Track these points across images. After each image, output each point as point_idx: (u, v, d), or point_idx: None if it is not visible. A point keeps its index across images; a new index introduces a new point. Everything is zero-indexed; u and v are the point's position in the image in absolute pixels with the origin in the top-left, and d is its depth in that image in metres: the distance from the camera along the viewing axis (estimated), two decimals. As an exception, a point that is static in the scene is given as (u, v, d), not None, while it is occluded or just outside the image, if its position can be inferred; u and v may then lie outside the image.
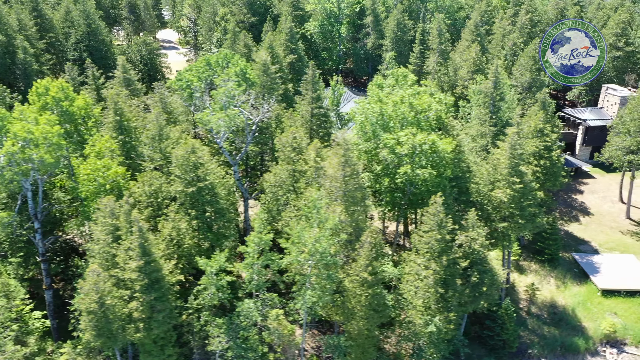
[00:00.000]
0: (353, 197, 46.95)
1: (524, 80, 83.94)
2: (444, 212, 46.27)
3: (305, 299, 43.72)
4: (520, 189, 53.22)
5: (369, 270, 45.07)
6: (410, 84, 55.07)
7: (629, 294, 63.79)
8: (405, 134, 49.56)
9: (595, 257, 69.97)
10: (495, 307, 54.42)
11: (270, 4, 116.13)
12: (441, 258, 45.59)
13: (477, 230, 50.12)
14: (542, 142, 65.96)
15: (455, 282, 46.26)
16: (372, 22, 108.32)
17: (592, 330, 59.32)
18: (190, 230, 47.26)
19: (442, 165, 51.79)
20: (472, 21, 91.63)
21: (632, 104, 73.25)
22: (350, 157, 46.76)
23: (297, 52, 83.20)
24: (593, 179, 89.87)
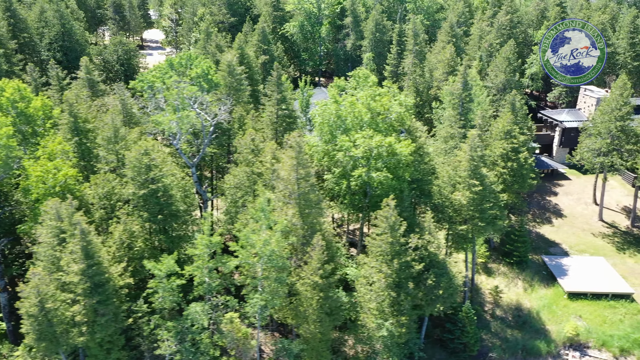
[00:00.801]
0: (306, 200, 46.62)
1: (498, 81, 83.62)
2: (396, 215, 45.93)
3: (253, 302, 43.38)
4: (480, 191, 52.96)
5: (320, 273, 44.75)
6: (370, 85, 54.69)
7: (595, 296, 63.52)
8: (362, 136, 49.24)
9: (564, 259, 69.72)
10: (453, 311, 54.08)
11: (251, 5, 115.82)
12: (393, 261, 45.22)
13: (433, 233, 49.89)
14: (510, 144, 65.68)
15: (407, 286, 45.94)
16: (352, 23, 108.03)
17: (555, 333, 59.05)
18: (142, 232, 46.90)
19: (399, 167, 51.45)
20: (448, 22, 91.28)
21: (603, 106, 72.99)
22: (303, 160, 46.42)
23: (270, 53, 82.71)
24: (569, 180, 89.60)
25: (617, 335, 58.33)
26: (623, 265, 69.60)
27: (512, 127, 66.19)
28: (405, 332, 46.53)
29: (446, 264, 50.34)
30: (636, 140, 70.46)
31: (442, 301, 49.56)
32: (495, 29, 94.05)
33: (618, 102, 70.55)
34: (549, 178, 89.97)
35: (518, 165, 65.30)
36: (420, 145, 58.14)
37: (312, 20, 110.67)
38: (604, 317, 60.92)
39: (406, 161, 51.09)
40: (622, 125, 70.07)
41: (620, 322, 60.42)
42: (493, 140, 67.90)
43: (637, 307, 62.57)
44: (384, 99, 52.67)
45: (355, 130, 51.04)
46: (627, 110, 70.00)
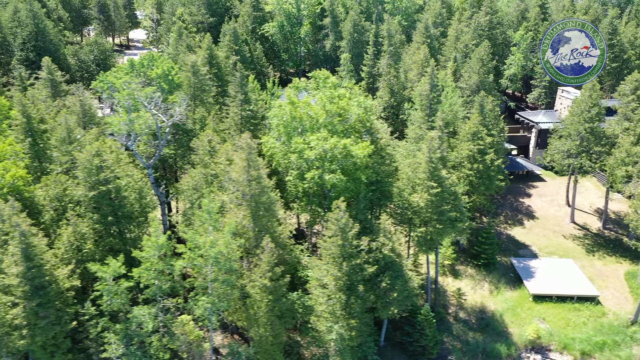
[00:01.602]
0: (258, 202, 46.26)
1: (472, 82, 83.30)
2: (348, 217, 45.59)
3: (199, 305, 43.05)
4: (439, 193, 52.64)
5: (269, 276, 44.41)
6: (330, 86, 54.35)
7: (560, 299, 63.25)
8: (316, 138, 48.90)
9: (532, 261, 69.39)
10: (412, 313, 53.77)
11: (231, 5, 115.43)
12: (342, 264, 44.88)
13: (389, 235, 49.58)
14: (476, 145, 65.37)
15: (357, 289, 45.60)
16: (331, 23, 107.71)
17: (517, 336, 58.71)
18: (93, 234, 46.53)
19: (356, 170, 51.12)
20: (423, 23, 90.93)
21: (573, 108, 72.71)
22: (254, 161, 46.08)
23: (241, 54, 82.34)
24: (544, 182, 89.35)
25: (579, 338, 58.01)
26: (591, 268, 69.32)
27: (478, 128, 65.85)
28: (356, 336, 46.17)
29: (402, 267, 49.97)
30: (605, 142, 70.16)
31: (397, 304, 49.23)
32: (472, 29, 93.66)
33: (587, 104, 70.25)
34: (523, 180, 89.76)
35: (484, 167, 64.98)
36: (382, 147, 57.90)
37: (292, 20, 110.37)
38: (568, 320, 60.63)
39: (362, 163, 50.71)
40: (591, 127, 69.77)
41: (584, 324, 60.13)
42: (460, 142, 67.62)
43: (601, 309, 62.27)
44: (342, 100, 52.31)
45: (311, 132, 50.68)
46: (596, 112, 69.68)
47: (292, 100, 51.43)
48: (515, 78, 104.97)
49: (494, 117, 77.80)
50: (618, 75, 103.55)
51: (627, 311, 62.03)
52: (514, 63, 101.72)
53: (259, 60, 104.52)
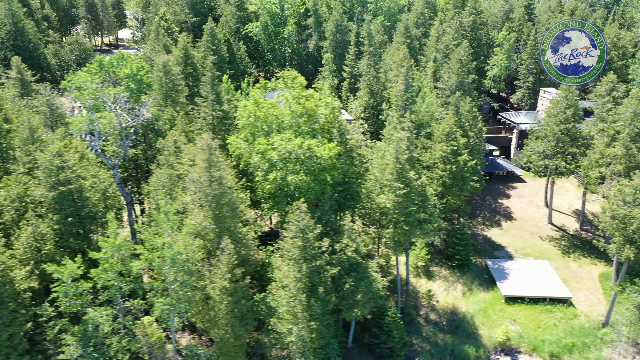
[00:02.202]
0: (219, 203, 45.97)
1: (451, 83, 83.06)
2: (309, 218, 45.29)
3: (156, 306, 42.76)
4: (405, 194, 52.35)
5: (229, 277, 44.12)
6: (297, 86, 54.05)
7: (532, 300, 63.03)
8: (280, 138, 48.60)
9: (507, 262, 69.15)
10: (374, 315, 53.56)
11: (215, 4, 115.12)
12: (302, 265, 44.60)
13: (353, 236, 49.31)
14: (449, 146, 65.08)
15: (317, 290, 45.31)
16: (314, 23, 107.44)
17: (487, 338, 58.47)
18: (53, 235, 46.19)
19: (321, 170, 50.84)
20: (403, 23, 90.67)
21: (548, 109, 72.50)
22: (215, 162, 45.79)
23: (219, 53, 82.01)
24: (524, 183, 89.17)
25: (549, 340, 57.78)
26: (566, 269, 69.11)
27: (452, 129, 65.57)
28: (317, 337, 45.87)
29: (367, 268, 49.70)
30: (581, 143, 69.95)
31: (362, 306, 48.92)
32: (453, 30, 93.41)
33: (562, 105, 70.04)
34: (504, 180, 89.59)
35: (457, 168, 64.68)
36: (351, 147, 57.64)
37: (276, 20, 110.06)
38: (539, 322, 60.39)
39: (328, 164, 50.41)
40: (566, 127, 69.55)
41: (555, 326, 59.89)
42: (434, 142, 67.37)
43: (573, 311, 62.06)
44: (309, 101, 52.02)
45: (277, 133, 50.39)
46: (571, 113, 69.46)
47: (257, 100, 51.11)
48: (499, 79, 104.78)
49: (472, 117, 77.67)
50: (601, 76, 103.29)
51: (599, 313, 61.84)
52: (497, 64, 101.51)
53: (241, 60, 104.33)
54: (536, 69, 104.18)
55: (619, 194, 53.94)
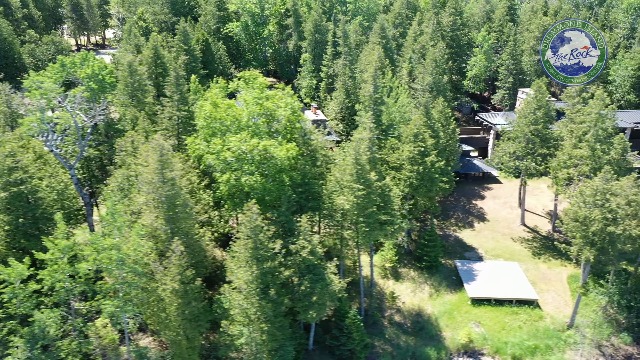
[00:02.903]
0: (171, 204, 45.62)
1: (426, 83, 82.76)
2: (262, 220, 44.96)
3: (103, 308, 42.43)
4: (364, 195, 52.02)
5: (179, 279, 43.79)
6: (258, 86, 53.72)
7: (498, 302, 62.73)
8: (236, 139, 48.24)
9: (477, 264, 68.83)
10: (330, 317, 53.22)
11: (195, 4, 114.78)
12: (253, 267, 44.26)
13: (309, 238, 48.95)
14: (417, 147, 64.72)
15: (268, 292, 44.96)
16: (294, 23, 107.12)
17: (450, 339, 58.15)
18: (3, 235, 45.86)
19: (279, 171, 50.51)
20: (379, 23, 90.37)
21: (519, 110, 72.21)
22: (168, 162, 45.45)
23: (191, 53, 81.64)
24: (500, 184, 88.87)
25: (512, 342, 57.49)
26: (535, 271, 68.84)
27: (419, 130, 65.23)
28: (269, 340, 45.54)
29: (324, 270, 49.35)
30: (550, 145, 69.64)
31: (317, 308, 48.58)
32: (431, 30, 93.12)
33: (533, 106, 69.77)
34: (480, 181, 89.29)
35: (424, 168, 64.31)
36: (314, 148, 57.36)
37: (256, 20, 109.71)
38: (504, 324, 60.09)
39: (284, 165, 50.06)
40: (536, 129, 69.26)
41: (519, 328, 59.60)
42: (402, 143, 67.02)
43: (539, 313, 61.77)
44: (268, 102, 51.70)
45: (235, 133, 50.05)
46: (541, 114, 69.16)
47: (214, 101, 50.77)
48: (479, 79, 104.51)
49: (445, 118, 77.38)
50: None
51: (566, 315, 61.55)
52: (476, 64, 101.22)
53: (221, 60, 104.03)
54: (516, 69, 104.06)
55: (580, 195, 53.67)
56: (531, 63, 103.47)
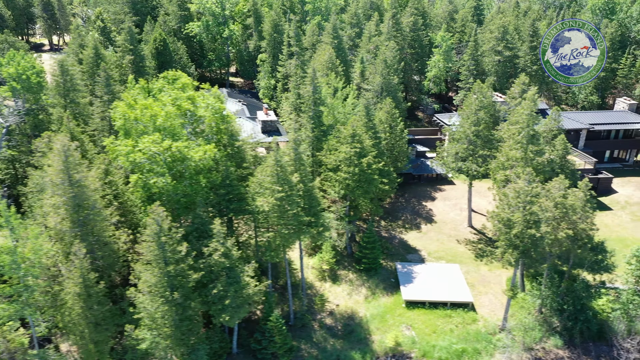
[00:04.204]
0: (77, 205, 44.97)
1: (376, 84, 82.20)
2: (167, 222, 44.29)
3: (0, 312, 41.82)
4: (284, 197, 51.38)
5: (80, 282, 43.16)
6: (179, 87, 53.09)
7: (433, 305, 62.17)
8: (149, 140, 47.53)
9: (417, 266, 68.24)
10: (264, 320, 52.60)
11: (157, 3, 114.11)
12: (155, 270, 43.63)
13: (223, 240, 48.31)
14: (353, 148, 64.06)
15: (173, 295, 44.28)
16: (254, 23, 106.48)
17: (378, 343, 57.53)
18: None
19: (197, 173, 49.88)
20: (331, 23, 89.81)
21: (461, 111, 71.69)
22: (74, 164, 44.80)
23: (137, 53, 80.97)
24: (453, 185, 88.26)
25: (440, 345, 56.88)
26: (476, 273, 68.29)
27: (356, 130, 64.59)
28: (174, 344, 44.88)
29: (239, 273, 48.69)
30: (491, 146, 69.13)
31: (231, 311, 47.94)
32: (386, 30, 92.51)
33: (474, 107, 69.24)
34: (433, 183, 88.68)
35: (360, 170, 63.66)
36: (239, 150, 56.76)
37: (218, 20, 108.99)
38: (435, 327, 59.50)
39: (202, 167, 49.40)
40: (476, 130, 68.73)
41: (451, 332, 59.01)
42: (341, 144, 66.41)
43: (473, 316, 61.22)
44: (185, 102, 51.04)
45: (149, 134, 49.38)
46: (482, 115, 68.64)
47: (129, 101, 50.13)
48: (439, 80, 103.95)
49: (392, 119, 76.82)
50: (542, 78, 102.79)
51: (500, 318, 60.93)
52: (435, 65, 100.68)
53: (180, 59, 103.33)
54: (477, 70, 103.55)
55: (504, 197, 53.14)
56: (492, 64, 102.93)
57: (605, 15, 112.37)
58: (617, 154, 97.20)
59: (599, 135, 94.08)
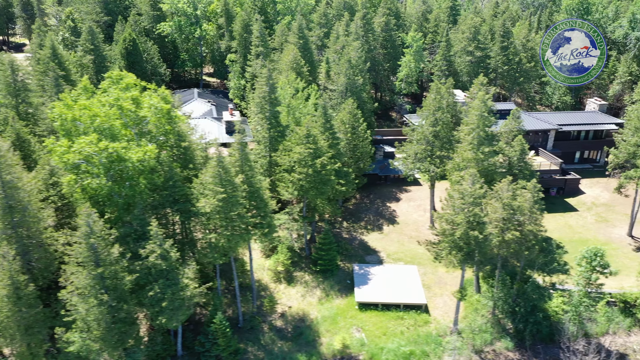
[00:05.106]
0: (10, 207, 44.50)
1: (340, 84, 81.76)
2: (98, 223, 43.83)
3: None
4: (225, 198, 50.91)
5: (8, 285, 42.69)
6: (123, 87, 52.64)
7: (386, 307, 61.75)
8: (85, 141, 47.03)
9: (375, 268, 67.79)
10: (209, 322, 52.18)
11: (130, 3, 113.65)
12: (84, 272, 43.16)
13: (160, 242, 47.85)
14: (307, 148, 63.61)
15: (102, 298, 43.81)
16: (225, 23, 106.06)
17: (326, 345, 57.09)
18: None
19: (136, 174, 49.41)
20: (297, 23, 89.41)
21: (420, 112, 71.30)
22: (4, 164, 44.33)
23: (98, 53, 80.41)
24: (419, 186, 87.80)
25: (388, 348, 56.46)
26: (433, 275, 67.88)
27: (310, 131, 64.14)
28: (107, 346, 44.41)
29: (178, 275, 48.23)
30: (449, 147, 68.73)
31: (169, 313, 47.48)
32: (354, 30, 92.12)
33: (432, 106, 68.84)
34: (399, 183, 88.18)
35: (314, 171, 63.19)
36: (184, 150, 56.31)
37: (191, 20, 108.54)
38: (386, 329, 59.10)
39: (142, 167, 48.91)
40: (434, 131, 68.33)
41: (401, 334, 58.59)
42: (295, 145, 65.97)
43: (426, 318, 60.80)
44: (127, 103, 50.57)
45: (88, 135, 48.92)
46: (439, 115, 68.24)
47: (67, 101, 49.66)
48: (411, 80, 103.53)
49: (355, 120, 76.35)
50: (513, 79, 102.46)
51: (452, 320, 60.54)
52: (406, 65, 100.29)
53: (151, 59, 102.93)
54: (449, 70, 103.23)
55: (450, 198, 52.74)
56: (465, 64, 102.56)
57: (580, 16, 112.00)
58: (587, 154, 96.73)
59: (568, 136, 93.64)
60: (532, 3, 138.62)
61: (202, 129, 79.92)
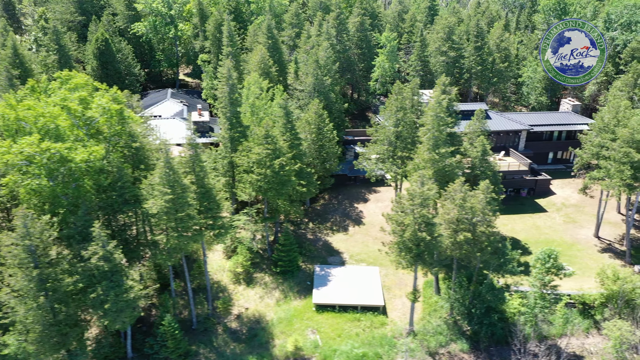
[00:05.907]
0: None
1: (307, 84, 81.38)
2: (38, 224, 43.46)
3: None
4: (173, 199, 50.51)
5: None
6: (72, 87, 52.25)
7: (343, 309, 61.39)
8: (26, 141, 46.62)
9: (336, 269, 67.40)
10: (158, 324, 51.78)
11: (105, 3, 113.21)
12: (19, 273, 42.77)
13: (103, 244, 47.44)
14: (265, 149, 63.24)
15: (38, 300, 43.44)
16: (199, 23, 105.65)
17: (279, 347, 56.71)
18: None
19: (82, 175, 49.03)
20: (265, 23, 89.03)
21: (383, 112, 70.91)
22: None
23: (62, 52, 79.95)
24: (388, 187, 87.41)
25: (341, 350, 56.08)
26: (394, 276, 67.55)
27: (268, 131, 63.75)
28: (46, 349, 44.03)
29: (122, 277, 47.82)
30: (411, 148, 68.40)
31: (112, 315, 47.08)
32: (325, 30, 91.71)
33: (393, 107, 68.49)
34: (368, 184, 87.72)
35: (272, 172, 62.81)
36: (135, 151, 55.92)
37: (165, 20, 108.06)
38: (342, 331, 58.73)
39: (83, 168, 48.47)
40: (395, 131, 67.99)
41: (356, 335, 58.24)
42: (254, 145, 65.59)
43: (383, 320, 60.44)
44: (73, 103, 50.17)
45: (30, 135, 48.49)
46: (401, 116, 67.89)
47: (10, 101, 49.25)
48: (385, 80, 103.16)
49: (320, 120, 75.98)
50: (489, 79, 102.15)
51: (409, 321, 60.21)
52: (380, 65, 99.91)
53: (125, 59, 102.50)
54: (423, 70, 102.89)
55: (400, 200, 52.38)
56: (439, 64, 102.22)
57: (557, 16, 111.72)
58: (561, 155, 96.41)
59: (540, 137, 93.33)
60: (513, 3, 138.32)
61: (170, 130, 79.88)
